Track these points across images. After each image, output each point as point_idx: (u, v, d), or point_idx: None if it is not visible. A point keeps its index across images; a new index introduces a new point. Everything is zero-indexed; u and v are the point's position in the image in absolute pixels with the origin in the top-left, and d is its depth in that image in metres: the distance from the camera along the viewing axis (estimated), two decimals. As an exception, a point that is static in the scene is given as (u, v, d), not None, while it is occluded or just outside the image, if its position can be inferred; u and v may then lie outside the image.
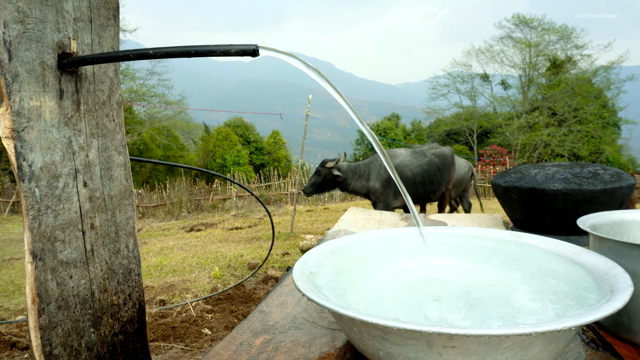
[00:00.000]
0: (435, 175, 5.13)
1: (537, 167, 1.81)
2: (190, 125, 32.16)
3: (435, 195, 5.39)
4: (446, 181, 5.41)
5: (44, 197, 0.79)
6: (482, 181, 14.18)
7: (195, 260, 4.83)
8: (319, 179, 5.11)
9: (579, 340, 0.84)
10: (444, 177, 5.28)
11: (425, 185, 5.10)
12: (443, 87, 29.08)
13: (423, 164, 5.10)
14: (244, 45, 0.67)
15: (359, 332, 0.68)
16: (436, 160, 5.22)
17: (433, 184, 5.16)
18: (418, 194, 5.13)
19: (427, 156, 5.23)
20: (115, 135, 0.95)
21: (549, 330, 0.54)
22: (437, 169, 5.16)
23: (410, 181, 5.02)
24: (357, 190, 5.12)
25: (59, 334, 0.81)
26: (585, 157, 23.22)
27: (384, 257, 1.03)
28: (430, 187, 5.16)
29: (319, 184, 5.12)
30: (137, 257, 1.01)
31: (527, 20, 26.08)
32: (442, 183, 5.27)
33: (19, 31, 0.74)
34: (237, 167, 26.20)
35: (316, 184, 5.12)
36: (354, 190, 5.13)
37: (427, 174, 5.09)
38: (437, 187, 5.22)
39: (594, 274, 0.78)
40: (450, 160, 5.39)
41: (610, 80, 23.82)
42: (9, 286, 4.25)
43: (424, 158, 5.16)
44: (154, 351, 2.34)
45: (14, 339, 2.52)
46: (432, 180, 5.13)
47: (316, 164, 5.59)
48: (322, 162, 5.15)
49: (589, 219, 1.04)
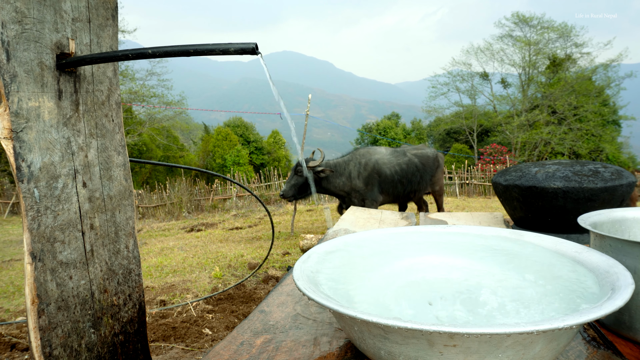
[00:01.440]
0: (414, 176, 5.11)
1: (537, 166, 1.81)
2: (190, 125, 32.16)
3: (416, 195, 5.39)
4: (430, 182, 5.40)
5: (43, 198, 0.79)
6: (482, 180, 14.19)
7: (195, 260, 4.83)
8: (300, 180, 4.96)
9: (580, 338, 0.84)
10: (424, 178, 5.26)
11: (404, 184, 5.10)
12: (443, 85, 29.09)
13: (402, 164, 5.09)
14: (243, 43, 0.66)
15: (359, 331, 0.67)
16: (416, 160, 5.21)
17: (412, 184, 5.15)
18: (397, 192, 5.13)
19: (407, 156, 5.23)
20: (114, 136, 0.95)
21: (550, 329, 0.54)
22: (416, 169, 5.15)
23: (388, 179, 5.02)
24: (337, 188, 5.03)
25: (58, 335, 0.81)
26: (585, 155, 23.23)
27: (384, 256, 1.02)
28: (409, 186, 5.15)
29: (301, 186, 4.98)
30: (137, 258, 1.01)
31: (527, 19, 26.08)
32: (422, 184, 5.25)
33: (17, 31, 0.74)
34: (237, 167, 26.20)
35: (297, 185, 4.96)
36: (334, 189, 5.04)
37: (406, 174, 5.07)
38: (416, 188, 5.22)
39: (595, 272, 0.78)
40: (433, 162, 5.38)
41: (610, 78, 23.83)
42: (9, 287, 4.24)
43: (403, 157, 5.15)
44: (154, 351, 2.33)
45: (14, 340, 2.52)
46: (411, 180, 5.11)
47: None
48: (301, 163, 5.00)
49: (589, 217, 1.04)
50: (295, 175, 4.99)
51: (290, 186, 4.98)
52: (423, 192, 5.43)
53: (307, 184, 4.97)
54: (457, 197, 13.31)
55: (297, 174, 4.98)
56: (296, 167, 5.00)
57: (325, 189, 5.06)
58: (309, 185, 4.98)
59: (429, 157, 5.35)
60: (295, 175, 5.00)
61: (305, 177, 4.93)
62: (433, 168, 5.38)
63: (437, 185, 5.61)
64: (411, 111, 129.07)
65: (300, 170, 4.96)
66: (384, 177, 5.00)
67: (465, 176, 14.36)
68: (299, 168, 4.97)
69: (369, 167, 5.00)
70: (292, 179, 5.01)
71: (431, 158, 5.37)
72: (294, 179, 4.99)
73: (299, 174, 4.96)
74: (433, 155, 5.42)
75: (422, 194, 5.51)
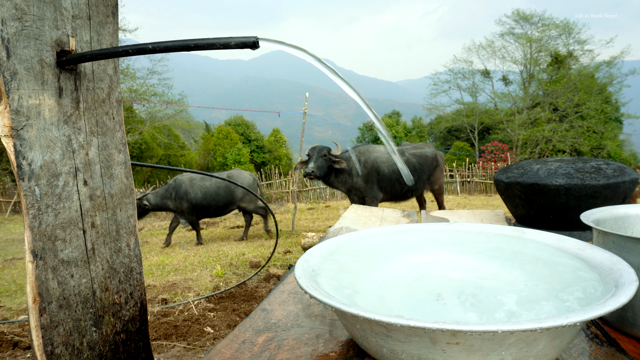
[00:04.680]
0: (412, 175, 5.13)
1: (539, 163, 1.81)
2: (191, 124, 32.16)
3: (413, 194, 5.44)
4: (429, 182, 5.43)
5: (44, 196, 0.78)
6: (483, 178, 14.17)
7: (196, 259, 4.84)
8: (325, 164, 4.97)
9: (583, 335, 0.83)
10: (422, 178, 5.30)
11: (402, 183, 5.14)
12: (444, 83, 29.03)
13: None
14: (243, 37, 0.66)
15: (362, 329, 0.67)
16: (414, 160, 5.26)
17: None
18: (394, 191, 5.18)
19: (405, 156, 5.28)
20: (115, 134, 0.95)
21: (554, 326, 0.53)
22: (413, 168, 5.20)
23: (386, 177, 5.06)
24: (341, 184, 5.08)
25: (60, 333, 0.81)
26: (587, 152, 23.18)
27: (386, 254, 1.02)
28: (407, 185, 5.18)
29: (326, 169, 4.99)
30: (138, 256, 1.00)
31: (527, 16, 25.99)
32: (420, 183, 5.28)
33: (17, 28, 0.74)
34: (238, 165, 26.21)
35: (323, 168, 4.96)
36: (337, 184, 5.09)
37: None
38: (414, 187, 5.27)
39: (598, 269, 0.77)
40: (431, 162, 5.40)
41: (613, 75, 23.75)
42: (11, 286, 4.26)
43: (401, 157, 5.17)
44: (156, 350, 2.34)
45: (16, 339, 2.52)
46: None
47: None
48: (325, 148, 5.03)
49: (592, 214, 1.03)
50: (321, 158, 4.99)
51: (318, 166, 4.94)
52: (421, 191, 5.47)
53: (330, 169, 5.00)
54: (458, 195, 13.30)
55: (323, 157, 4.98)
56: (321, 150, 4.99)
57: (331, 182, 5.10)
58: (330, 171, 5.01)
59: (428, 157, 5.36)
60: (320, 158, 4.99)
61: (329, 162, 4.95)
62: (431, 168, 5.39)
63: (437, 184, 5.62)
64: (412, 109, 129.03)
65: (325, 153, 4.97)
66: (382, 176, 5.03)
67: (467, 174, 14.35)
68: (324, 152, 4.97)
69: (368, 164, 5.02)
70: (317, 160, 4.97)
71: (430, 158, 5.38)
72: (319, 160, 4.97)
73: (325, 157, 4.96)
74: (432, 155, 5.43)
75: (421, 193, 5.53)
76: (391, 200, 5.40)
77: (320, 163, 4.95)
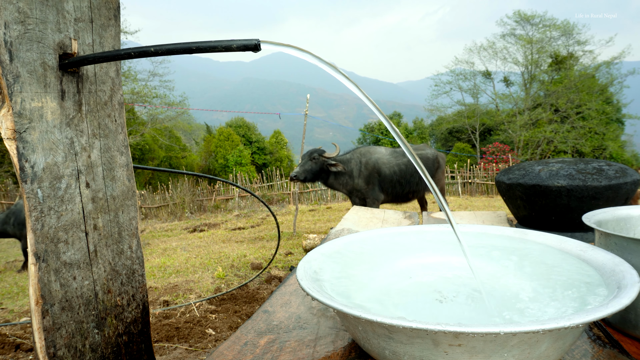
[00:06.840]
0: (412, 177, 5.17)
1: (541, 164, 1.80)
2: (192, 125, 32.22)
3: (414, 196, 5.43)
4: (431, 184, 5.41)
5: (46, 199, 0.79)
6: (484, 179, 14.15)
7: (198, 260, 4.84)
8: (315, 167, 4.95)
9: (585, 337, 0.83)
10: (423, 180, 5.29)
11: (402, 184, 5.15)
12: (446, 84, 29.02)
13: (400, 164, 5.14)
14: (245, 40, 0.66)
15: (364, 331, 0.67)
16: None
17: (410, 185, 5.21)
18: (395, 192, 5.19)
19: (406, 157, 5.26)
20: (117, 136, 0.95)
21: (556, 328, 0.53)
22: (414, 170, 5.19)
23: (387, 179, 5.07)
24: (342, 185, 5.08)
25: (63, 335, 0.81)
26: (588, 153, 23.13)
27: (388, 256, 1.02)
28: (408, 187, 5.21)
29: (314, 172, 4.97)
30: (140, 258, 1.01)
31: (528, 17, 25.99)
32: (421, 185, 5.29)
33: (19, 32, 0.74)
34: (240, 167, 26.22)
35: (312, 171, 4.95)
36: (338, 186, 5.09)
37: (404, 174, 5.13)
38: (415, 188, 5.27)
39: (600, 270, 0.77)
40: (432, 163, 5.41)
41: (613, 76, 23.72)
42: (13, 288, 4.26)
43: (402, 158, 5.18)
44: (158, 352, 2.34)
45: (18, 341, 2.53)
46: (410, 181, 5.17)
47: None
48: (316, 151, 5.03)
49: (594, 215, 1.03)
50: (310, 161, 4.98)
51: (304, 170, 4.95)
52: (422, 193, 5.46)
53: (319, 171, 4.98)
54: (459, 196, 13.28)
55: (312, 159, 4.97)
56: (312, 154, 4.99)
57: (331, 184, 5.09)
58: (320, 173, 4.98)
59: (428, 159, 5.38)
60: (309, 161, 4.99)
61: (319, 164, 4.93)
62: (432, 169, 5.40)
63: (438, 185, 5.62)
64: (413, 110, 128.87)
65: (315, 156, 4.95)
66: (383, 177, 5.03)
67: (468, 175, 14.33)
68: (314, 154, 4.97)
69: (370, 166, 5.02)
70: (305, 164, 4.99)
71: (430, 159, 5.39)
72: (308, 164, 4.97)
73: (314, 160, 4.95)
74: (433, 156, 5.43)
75: (422, 195, 5.53)
76: (393, 201, 5.40)
77: (308, 166, 4.94)
